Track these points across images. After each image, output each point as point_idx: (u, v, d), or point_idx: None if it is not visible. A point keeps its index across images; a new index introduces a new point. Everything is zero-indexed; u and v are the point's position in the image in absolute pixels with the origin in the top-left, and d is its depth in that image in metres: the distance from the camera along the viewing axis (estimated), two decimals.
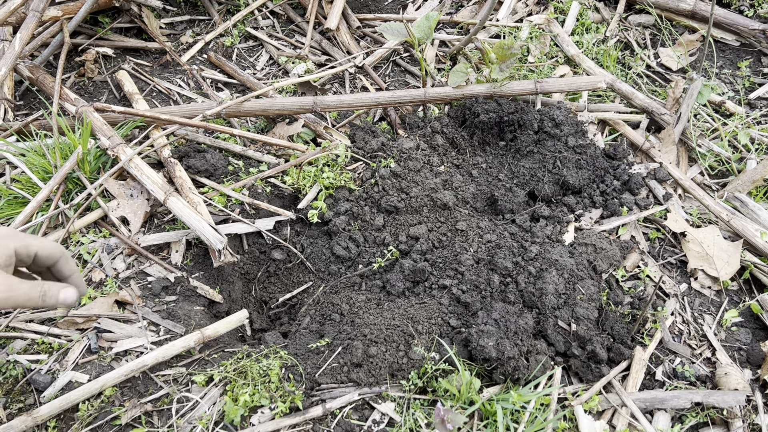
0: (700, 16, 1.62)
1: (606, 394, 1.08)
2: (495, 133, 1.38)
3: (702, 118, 1.47)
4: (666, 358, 1.14)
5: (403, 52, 1.66)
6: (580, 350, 1.09)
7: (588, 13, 1.69)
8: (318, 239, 1.25)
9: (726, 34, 1.63)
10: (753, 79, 1.56)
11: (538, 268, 1.15)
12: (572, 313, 1.10)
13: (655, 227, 1.31)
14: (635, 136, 1.42)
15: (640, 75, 1.57)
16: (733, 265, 1.22)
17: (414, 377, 1.06)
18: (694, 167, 1.41)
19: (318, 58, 1.63)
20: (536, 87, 1.39)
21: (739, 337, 1.17)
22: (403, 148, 1.31)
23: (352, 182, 1.28)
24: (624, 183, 1.33)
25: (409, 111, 1.47)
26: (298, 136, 1.41)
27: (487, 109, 1.34)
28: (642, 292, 1.20)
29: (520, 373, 1.04)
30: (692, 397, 1.06)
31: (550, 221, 1.27)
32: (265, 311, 1.23)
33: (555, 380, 1.08)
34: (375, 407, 1.06)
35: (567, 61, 1.59)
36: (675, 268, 1.26)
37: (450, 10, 1.75)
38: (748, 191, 1.34)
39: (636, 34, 1.66)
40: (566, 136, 1.34)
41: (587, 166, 1.32)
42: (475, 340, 1.05)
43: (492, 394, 1.05)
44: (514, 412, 1.05)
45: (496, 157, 1.37)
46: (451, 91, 1.38)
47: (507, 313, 1.08)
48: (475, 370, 1.07)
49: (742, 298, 1.22)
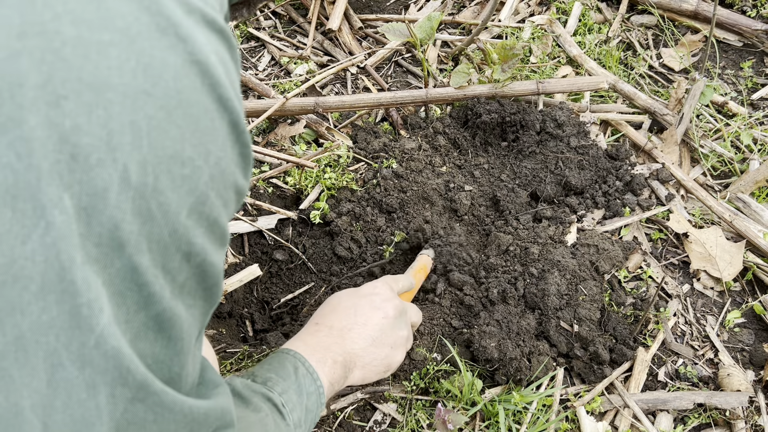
0: (702, 16, 1.62)
1: (608, 395, 1.08)
2: (497, 133, 1.38)
3: (704, 118, 1.46)
4: (668, 359, 1.14)
5: (405, 52, 1.66)
6: (582, 351, 1.09)
7: (590, 13, 1.69)
8: (320, 240, 1.25)
9: (728, 34, 1.63)
10: (756, 79, 1.55)
11: (540, 269, 1.15)
12: (574, 314, 1.10)
13: (658, 228, 1.31)
14: (637, 137, 1.42)
15: (642, 75, 1.57)
16: (735, 266, 1.22)
17: (416, 378, 1.06)
18: (697, 168, 1.41)
19: (320, 59, 1.63)
20: (538, 87, 1.39)
21: (741, 338, 1.17)
22: (405, 149, 1.31)
23: (354, 183, 1.28)
24: (626, 184, 1.33)
25: (411, 111, 1.47)
26: (300, 136, 1.41)
27: (489, 110, 1.34)
28: (644, 293, 1.20)
29: (522, 374, 1.04)
30: (695, 399, 1.06)
31: (552, 222, 1.27)
32: (266, 311, 1.23)
33: (557, 381, 1.08)
34: (377, 407, 1.06)
35: (569, 61, 1.58)
36: (677, 269, 1.26)
37: (452, 11, 1.75)
38: (750, 192, 1.33)
39: (638, 34, 1.66)
40: (568, 137, 1.33)
41: (589, 167, 1.31)
42: (477, 341, 1.05)
43: (494, 395, 1.05)
44: (516, 413, 1.05)
45: (498, 157, 1.37)
46: (453, 92, 1.38)
47: (509, 314, 1.08)
48: (477, 371, 1.07)
49: (745, 299, 1.22)
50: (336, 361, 0.83)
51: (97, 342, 0.36)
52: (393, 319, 0.91)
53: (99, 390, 0.37)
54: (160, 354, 0.42)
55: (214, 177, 0.41)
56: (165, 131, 0.37)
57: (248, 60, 1.64)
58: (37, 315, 0.33)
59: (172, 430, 0.43)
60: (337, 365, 0.83)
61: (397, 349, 0.92)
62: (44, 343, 0.34)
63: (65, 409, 0.36)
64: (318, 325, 0.89)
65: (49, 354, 0.35)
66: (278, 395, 0.72)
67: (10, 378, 0.34)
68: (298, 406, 0.74)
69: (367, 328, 0.88)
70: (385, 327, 0.90)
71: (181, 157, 0.38)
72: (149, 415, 0.40)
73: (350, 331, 0.87)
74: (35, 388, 0.35)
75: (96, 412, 0.37)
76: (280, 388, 0.73)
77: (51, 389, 0.35)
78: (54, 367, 0.35)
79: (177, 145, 0.38)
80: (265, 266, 1.23)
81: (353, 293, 0.95)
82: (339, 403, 1.05)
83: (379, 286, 0.96)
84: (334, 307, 0.91)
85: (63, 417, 0.36)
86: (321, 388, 0.78)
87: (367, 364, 0.88)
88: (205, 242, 0.42)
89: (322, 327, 0.88)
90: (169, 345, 0.42)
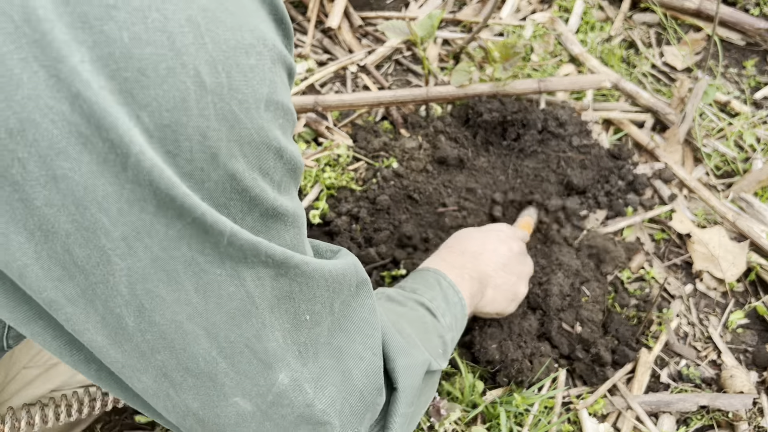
0: (705, 14, 1.61)
1: (611, 397, 1.07)
2: (498, 132, 1.37)
3: (707, 117, 1.45)
4: (671, 360, 1.13)
5: (406, 50, 1.64)
6: (584, 353, 1.08)
7: (592, 11, 1.68)
8: (319, 240, 1.24)
9: (731, 32, 1.62)
10: (759, 78, 1.54)
11: (542, 266, 1.14)
12: (577, 315, 1.09)
13: (660, 228, 1.30)
14: (640, 136, 1.41)
15: (644, 74, 1.55)
16: (739, 267, 1.21)
17: None
18: (700, 167, 1.40)
19: (319, 57, 1.62)
20: (539, 86, 1.38)
21: (744, 339, 1.16)
22: (406, 148, 1.30)
23: (353, 182, 1.27)
24: (629, 183, 1.32)
25: (411, 110, 1.46)
26: (299, 135, 1.40)
27: (490, 109, 1.33)
28: (647, 294, 1.19)
29: (523, 376, 1.03)
30: (698, 400, 1.05)
31: (555, 222, 1.26)
32: None
33: (559, 383, 1.07)
34: None
35: (571, 59, 1.57)
36: (680, 269, 1.25)
37: (453, 9, 1.74)
38: (754, 192, 1.32)
39: (641, 32, 1.65)
40: (570, 136, 1.32)
41: (592, 166, 1.30)
42: (478, 342, 1.04)
43: (495, 397, 1.04)
44: (518, 415, 1.04)
45: (500, 156, 1.36)
46: (453, 90, 1.37)
47: (510, 314, 1.07)
48: (479, 373, 1.06)
49: (748, 299, 1.21)
50: (472, 277, 0.89)
51: (230, 240, 0.36)
52: (517, 253, 0.99)
53: (244, 278, 0.38)
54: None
55: (275, 61, 0.39)
56: (222, 21, 0.34)
57: None
58: (164, 232, 0.34)
59: (318, 295, 0.45)
60: (474, 281, 0.89)
61: (521, 280, 0.99)
62: (179, 256, 0.35)
63: (219, 308, 0.38)
64: (450, 248, 0.96)
65: (188, 263, 0.35)
66: (429, 300, 0.77)
67: (160, 297, 0.36)
68: (448, 312, 0.78)
69: (497, 254, 0.95)
70: (512, 258, 0.97)
71: (244, 47, 0.36)
72: (295, 287, 0.42)
73: (482, 255, 0.93)
74: (186, 300, 0.36)
75: (249, 299, 0.39)
76: (429, 296, 0.78)
77: (200, 295, 0.37)
78: (196, 274, 0.36)
79: (237, 34, 0.35)
80: None
81: (479, 229, 1.03)
82: None
83: (502, 226, 1.04)
84: (463, 238, 0.98)
85: (220, 316, 0.38)
86: (463, 300, 0.83)
87: (499, 285, 0.94)
88: (286, 132, 0.41)
89: (455, 250, 0.94)
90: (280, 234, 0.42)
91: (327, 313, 0.46)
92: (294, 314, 0.43)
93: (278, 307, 0.42)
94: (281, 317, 0.42)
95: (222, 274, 0.37)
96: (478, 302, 0.91)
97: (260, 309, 0.40)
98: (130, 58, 0.30)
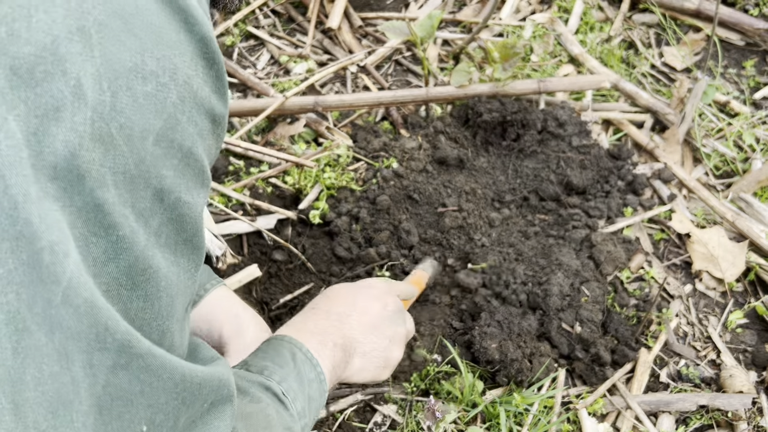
0: (704, 15, 1.61)
1: (610, 397, 1.08)
2: (498, 132, 1.37)
3: (707, 117, 1.46)
4: (671, 360, 1.13)
5: (406, 51, 1.65)
6: (584, 353, 1.08)
7: (592, 12, 1.68)
8: (319, 240, 1.24)
9: (731, 33, 1.62)
10: (758, 78, 1.55)
11: (542, 265, 1.14)
12: (576, 315, 1.09)
13: (660, 228, 1.30)
14: (639, 136, 1.41)
15: (644, 74, 1.56)
16: (738, 267, 1.21)
17: (416, 379, 1.05)
18: (699, 167, 1.40)
19: (319, 57, 1.63)
20: (539, 86, 1.38)
21: (744, 338, 1.16)
22: (406, 148, 1.30)
23: (353, 183, 1.27)
24: (628, 183, 1.32)
25: (411, 110, 1.46)
26: (299, 136, 1.41)
27: (490, 109, 1.33)
28: (647, 294, 1.19)
29: (523, 375, 1.03)
30: (698, 400, 1.06)
31: (555, 222, 1.26)
32: (266, 312, 1.22)
33: (558, 382, 1.08)
34: (377, 409, 1.05)
35: (571, 60, 1.58)
36: (680, 269, 1.25)
37: (453, 9, 1.74)
38: (753, 192, 1.33)
39: (640, 33, 1.65)
40: (570, 136, 1.33)
41: (591, 167, 1.31)
42: (477, 341, 1.04)
43: (495, 397, 1.04)
44: (518, 415, 1.04)
45: (500, 157, 1.36)
46: (453, 91, 1.37)
47: (510, 314, 1.08)
48: (478, 373, 1.06)
49: (747, 299, 1.21)
50: (336, 344, 0.77)
51: (65, 296, 0.30)
52: (392, 312, 0.87)
53: (73, 359, 0.31)
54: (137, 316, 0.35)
55: (183, 98, 0.36)
56: (120, 41, 0.32)
57: (247, 58, 1.64)
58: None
59: (162, 403, 0.36)
60: (338, 348, 0.77)
61: (395, 344, 0.87)
62: (4, 304, 0.28)
63: (37, 385, 0.30)
64: (315, 309, 0.84)
65: (11, 317, 0.28)
66: (277, 384, 0.66)
67: None
68: (300, 395, 0.67)
69: (367, 316, 0.83)
70: (384, 318, 0.85)
71: (143, 72, 0.33)
72: (135, 386, 0.34)
73: (349, 317, 0.82)
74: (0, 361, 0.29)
75: (72, 387, 0.31)
76: (279, 377, 0.67)
77: (18, 361, 0.29)
78: (19, 332, 0.29)
79: (136, 57, 0.32)
80: (264, 267, 1.23)
81: (351, 285, 0.91)
82: (338, 404, 1.04)
83: (377, 281, 0.93)
84: (332, 296, 0.87)
85: (35, 395, 0.30)
86: (322, 375, 0.72)
87: (368, 352, 0.83)
88: (179, 177, 0.36)
89: (320, 311, 0.83)
90: (146, 306, 0.36)
91: (169, 428, 0.38)
92: (128, 422, 0.34)
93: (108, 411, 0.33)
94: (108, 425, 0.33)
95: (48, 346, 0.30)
96: (342, 373, 0.79)
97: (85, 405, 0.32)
98: (3, 55, 0.28)
